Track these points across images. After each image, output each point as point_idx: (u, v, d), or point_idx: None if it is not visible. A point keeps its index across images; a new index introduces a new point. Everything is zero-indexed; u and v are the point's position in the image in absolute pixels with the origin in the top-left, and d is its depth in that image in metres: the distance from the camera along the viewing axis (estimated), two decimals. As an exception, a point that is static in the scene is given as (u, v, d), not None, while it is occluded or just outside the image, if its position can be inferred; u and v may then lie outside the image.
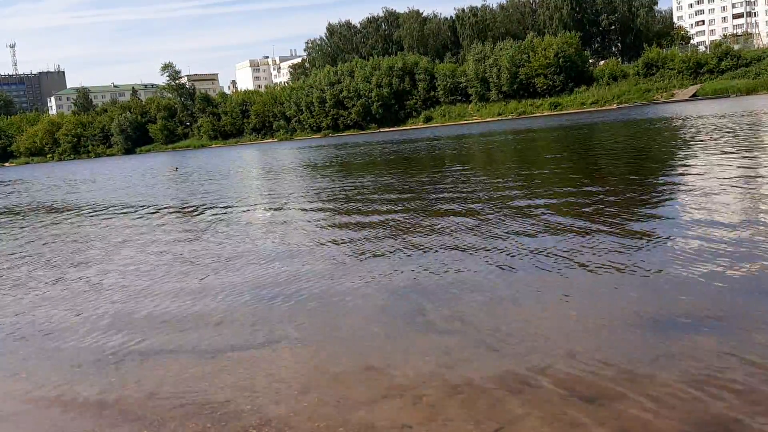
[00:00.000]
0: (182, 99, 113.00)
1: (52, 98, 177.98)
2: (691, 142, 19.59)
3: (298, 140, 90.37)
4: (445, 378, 4.24)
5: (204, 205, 15.99)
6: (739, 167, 12.59)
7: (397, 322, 5.47)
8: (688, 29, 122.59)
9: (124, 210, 16.73)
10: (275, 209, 13.91)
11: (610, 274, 6.14)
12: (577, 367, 4.18)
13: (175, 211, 15.41)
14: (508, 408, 3.76)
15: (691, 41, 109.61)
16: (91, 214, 16.61)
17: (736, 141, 18.18)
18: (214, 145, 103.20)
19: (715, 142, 18.69)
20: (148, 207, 16.91)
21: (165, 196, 19.88)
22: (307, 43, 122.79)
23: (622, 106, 73.40)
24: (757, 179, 10.99)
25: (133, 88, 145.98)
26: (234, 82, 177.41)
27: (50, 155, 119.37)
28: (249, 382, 4.49)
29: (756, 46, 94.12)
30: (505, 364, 4.37)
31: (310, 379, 4.46)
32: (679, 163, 15.08)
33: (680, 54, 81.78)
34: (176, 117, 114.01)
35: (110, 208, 17.50)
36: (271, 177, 24.56)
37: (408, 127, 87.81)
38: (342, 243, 9.10)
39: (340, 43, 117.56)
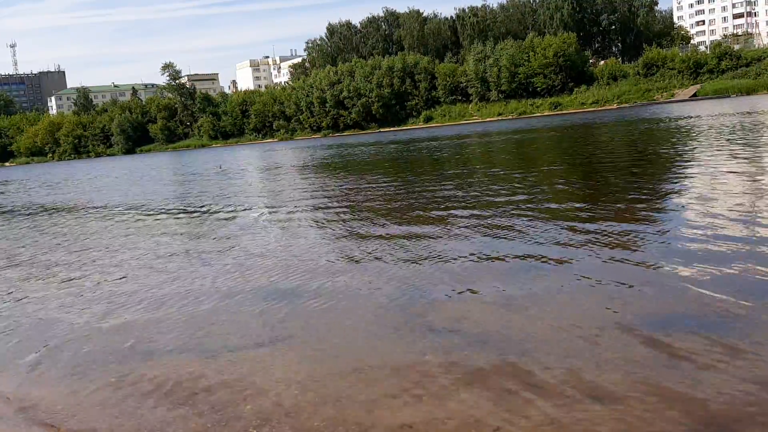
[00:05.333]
0: (183, 99, 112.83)
1: (53, 98, 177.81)
2: (691, 142, 19.58)
3: (298, 140, 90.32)
4: (445, 378, 4.24)
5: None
6: (738, 167, 12.59)
7: (397, 322, 5.46)
8: (688, 29, 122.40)
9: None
10: (279, 209, 13.90)
11: (611, 275, 6.14)
12: (577, 368, 4.18)
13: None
14: (508, 408, 3.76)
15: (692, 41, 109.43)
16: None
17: (736, 141, 18.17)
18: (214, 145, 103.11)
19: (714, 141, 18.68)
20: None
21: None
22: (307, 43, 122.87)
23: (623, 106, 73.42)
24: (757, 179, 10.99)
25: (133, 88, 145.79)
26: (234, 82, 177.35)
27: (50, 155, 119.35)
28: (249, 382, 4.49)
29: (756, 46, 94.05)
30: (505, 364, 4.36)
31: (310, 378, 4.46)
32: (679, 163, 15.06)
33: (680, 54, 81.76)
34: (177, 117, 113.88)
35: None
36: (278, 176, 24.56)
37: (408, 127, 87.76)
38: (343, 243, 9.10)
39: (340, 43, 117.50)
